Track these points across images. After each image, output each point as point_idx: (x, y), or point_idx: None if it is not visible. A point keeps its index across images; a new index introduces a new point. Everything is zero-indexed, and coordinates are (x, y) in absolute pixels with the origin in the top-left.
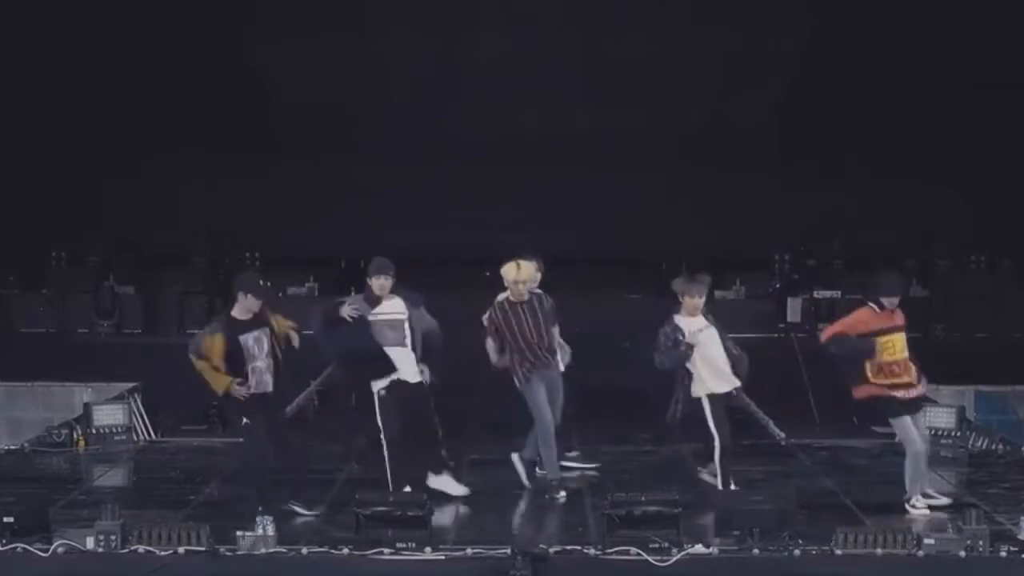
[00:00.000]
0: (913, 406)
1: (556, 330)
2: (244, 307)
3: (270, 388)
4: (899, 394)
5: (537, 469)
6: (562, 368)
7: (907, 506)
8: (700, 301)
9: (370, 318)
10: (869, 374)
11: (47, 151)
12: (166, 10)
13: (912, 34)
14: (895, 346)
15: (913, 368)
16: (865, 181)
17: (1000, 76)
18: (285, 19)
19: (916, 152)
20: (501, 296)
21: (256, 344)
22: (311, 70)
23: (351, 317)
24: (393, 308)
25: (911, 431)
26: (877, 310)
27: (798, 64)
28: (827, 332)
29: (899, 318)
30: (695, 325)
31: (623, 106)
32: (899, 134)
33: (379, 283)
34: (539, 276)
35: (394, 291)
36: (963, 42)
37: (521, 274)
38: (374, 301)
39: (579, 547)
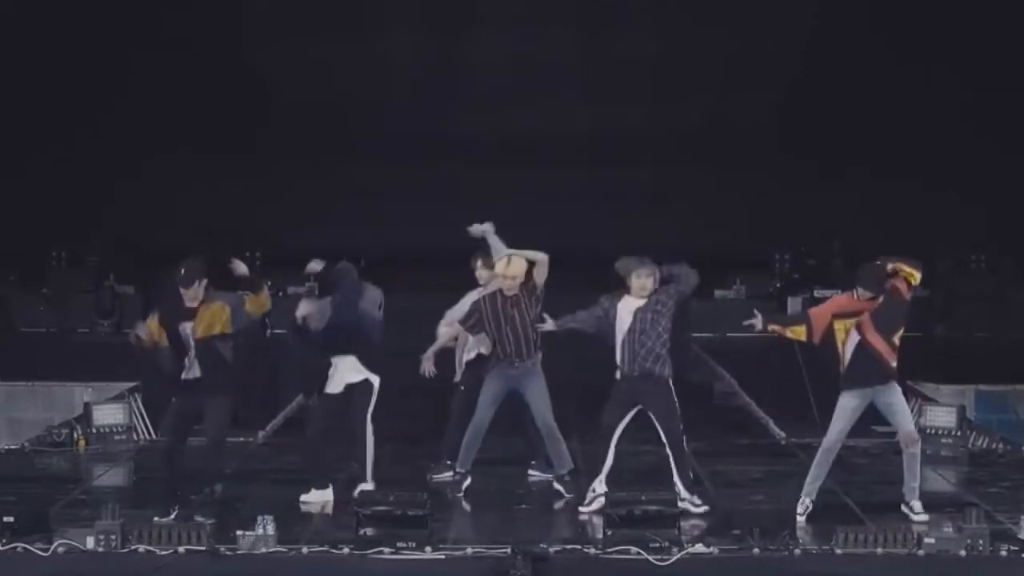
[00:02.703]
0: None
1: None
2: (186, 296)
3: (197, 375)
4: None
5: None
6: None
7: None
8: (647, 281)
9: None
10: None
11: (47, 151)
12: (166, 10)
13: (912, 34)
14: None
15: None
16: (865, 181)
17: (1000, 75)
18: (285, 19)
19: (916, 152)
20: (491, 287)
21: (190, 334)
22: (311, 70)
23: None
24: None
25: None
26: (854, 296)
27: (798, 64)
28: None
29: (872, 304)
30: (635, 305)
31: (623, 106)
32: (899, 134)
33: None
34: (486, 274)
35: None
36: (963, 42)
37: (510, 269)
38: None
39: (579, 547)
